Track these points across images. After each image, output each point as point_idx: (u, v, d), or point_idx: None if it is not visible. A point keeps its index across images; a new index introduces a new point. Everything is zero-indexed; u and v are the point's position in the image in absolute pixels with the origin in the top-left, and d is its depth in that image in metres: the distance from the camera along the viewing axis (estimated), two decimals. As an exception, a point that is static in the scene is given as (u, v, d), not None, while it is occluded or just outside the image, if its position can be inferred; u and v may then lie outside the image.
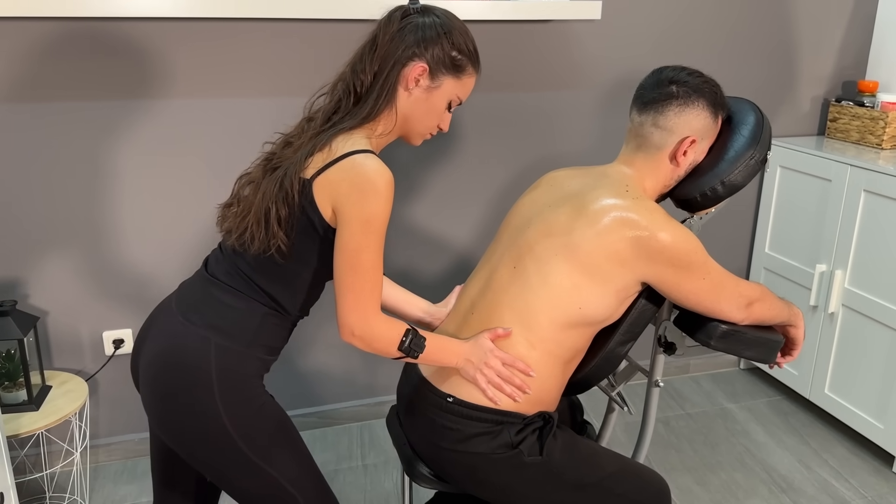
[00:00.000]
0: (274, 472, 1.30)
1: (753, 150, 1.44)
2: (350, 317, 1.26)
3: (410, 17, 1.30)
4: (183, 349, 1.28)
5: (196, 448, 1.29)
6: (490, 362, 1.36)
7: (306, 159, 1.26)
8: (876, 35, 2.73)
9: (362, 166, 1.22)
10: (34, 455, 2.27)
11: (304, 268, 1.31)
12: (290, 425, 1.35)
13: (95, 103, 2.04)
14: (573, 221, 1.37)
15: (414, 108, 1.32)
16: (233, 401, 1.27)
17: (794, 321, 1.53)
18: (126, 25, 2.00)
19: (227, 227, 1.36)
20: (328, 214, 1.25)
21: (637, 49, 2.47)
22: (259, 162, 1.38)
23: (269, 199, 1.26)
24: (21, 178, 2.05)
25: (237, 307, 1.30)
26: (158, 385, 1.29)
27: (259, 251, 1.28)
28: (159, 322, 1.35)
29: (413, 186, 2.39)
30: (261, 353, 1.33)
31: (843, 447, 2.48)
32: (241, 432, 1.27)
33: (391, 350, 1.30)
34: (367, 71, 1.29)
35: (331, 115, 1.32)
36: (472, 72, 1.34)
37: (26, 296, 2.14)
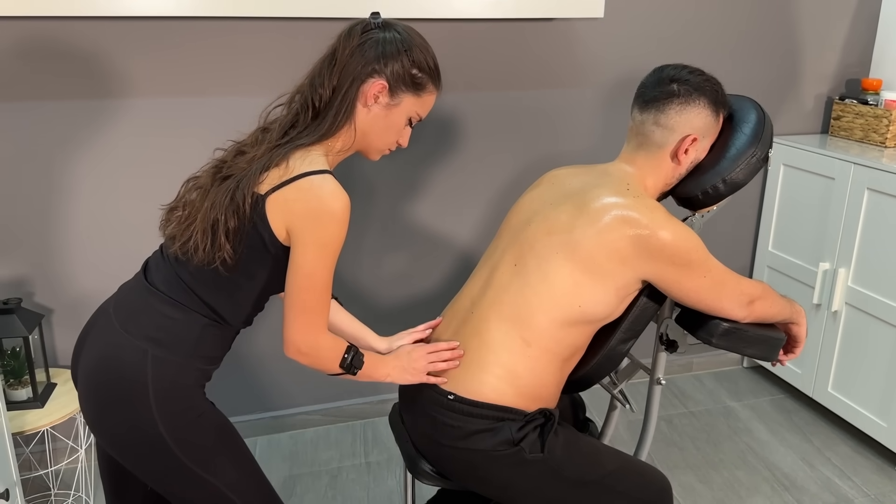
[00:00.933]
0: (215, 481, 1.30)
1: (755, 147, 1.44)
2: (298, 335, 1.27)
3: (371, 32, 1.29)
4: (120, 360, 1.27)
5: (136, 459, 1.29)
6: (415, 357, 1.42)
7: (261, 174, 1.24)
8: (880, 33, 2.73)
9: (319, 189, 1.21)
10: (39, 452, 2.28)
11: (248, 281, 1.30)
12: (232, 433, 1.35)
13: (95, 101, 2.05)
14: (574, 219, 1.37)
15: (373, 124, 1.31)
16: (169, 412, 1.26)
17: (797, 319, 1.53)
18: (132, 26, 2.01)
19: (170, 233, 1.33)
20: (280, 233, 1.24)
21: (639, 47, 2.47)
22: (209, 168, 1.35)
23: (217, 209, 1.24)
24: (26, 175, 2.06)
25: (176, 318, 1.29)
26: (96, 396, 1.28)
27: (203, 263, 1.26)
28: (97, 328, 1.33)
29: (415, 185, 2.39)
30: (200, 363, 1.31)
31: (847, 445, 2.48)
32: (179, 442, 1.27)
33: (333, 366, 1.33)
34: (326, 85, 1.28)
35: (287, 129, 1.30)
36: (432, 89, 1.34)
37: (31, 294, 2.15)
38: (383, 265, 2.45)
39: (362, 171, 2.33)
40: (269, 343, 2.42)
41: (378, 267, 2.45)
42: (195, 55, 2.08)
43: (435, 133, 2.36)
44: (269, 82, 2.17)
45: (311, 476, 2.31)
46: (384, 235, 2.42)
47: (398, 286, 2.49)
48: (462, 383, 1.38)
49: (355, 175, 2.33)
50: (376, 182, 2.35)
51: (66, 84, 2.01)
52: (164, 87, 2.09)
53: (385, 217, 2.40)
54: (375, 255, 2.43)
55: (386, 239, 2.42)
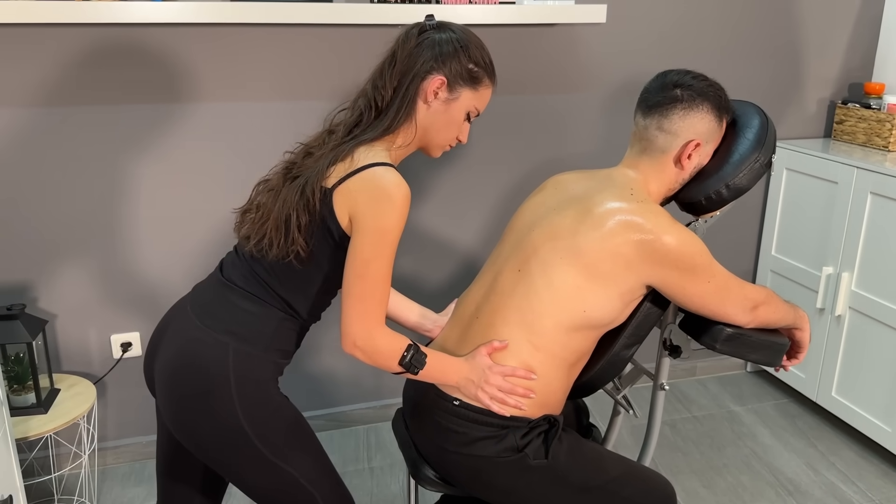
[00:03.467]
0: (292, 471, 1.33)
1: (758, 153, 1.44)
2: (354, 327, 1.27)
3: (427, 34, 1.33)
4: (200, 353, 1.30)
5: (213, 448, 1.31)
6: (490, 379, 1.36)
7: (328, 168, 1.28)
8: (882, 37, 2.73)
9: (381, 178, 1.24)
10: (43, 458, 2.29)
11: (319, 274, 1.33)
12: (306, 425, 1.38)
13: (103, 108, 2.06)
14: (578, 225, 1.37)
15: (433, 120, 1.35)
16: (250, 403, 1.30)
17: (800, 324, 1.53)
18: (143, 31, 2.02)
19: (244, 233, 1.38)
20: (345, 223, 1.27)
21: (642, 52, 2.48)
22: (279, 170, 1.40)
23: (289, 206, 1.28)
24: (32, 181, 2.06)
25: (254, 312, 1.33)
26: (176, 387, 1.31)
27: (277, 257, 1.30)
28: (175, 325, 1.37)
29: (419, 188, 2.40)
30: (276, 356, 1.35)
31: (851, 450, 2.47)
32: (259, 434, 1.30)
33: (392, 364, 1.31)
34: (387, 86, 1.32)
35: (352, 128, 1.35)
36: (488, 83, 1.37)
37: (35, 299, 2.15)
38: (386, 270, 2.45)
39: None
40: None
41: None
42: (194, 61, 2.09)
43: (438, 138, 2.36)
44: (264, 88, 2.17)
45: (315, 481, 2.31)
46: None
47: (402, 289, 2.49)
48: (466, 389, 1.38)
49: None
50: (379, 187, 2.35)
51: (71, 91, 2.02)
52: (168, 93, 2.09)
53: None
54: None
55: (389, 244, 2.42)
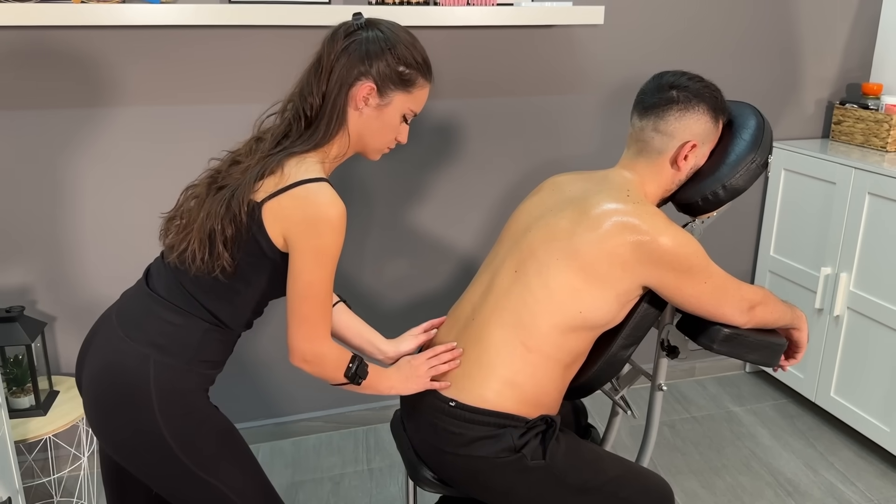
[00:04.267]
0: (219, 484, 1.31)
1: (754, 153, 1.44)
2: (303, 344, 1.28)
3: (354, 34, 1.28)
4: (123, 366, 1.28)
5: (141, 464, 1.29)
6: (416, 365, 1.42)
7: (256, 182, 1.24)
8: (880, 37, 2.73)
9: (316, 197, 1.21)
10: (42, 460, 2.29)
11: (247, 287, 1.31)
12: (236, 436, 1.36)
13: (100, 109, 2.06)
14: (575, 226, 1.37)
15: (367, 126, 1.32)
16: (173, 416, 1.27)
17: (797, 324, 1.53)
18: (135, 33, 2.02)
19: (168, 242, 1.34)
20: (278, 241, 1.25)
21: (640, 53, 2.48)
22: (204, 178, 1.36)
23: (213, 219, 1.25)
24: (29, 183, 2.06)
25: (177, 323, 1.30)
26: (100, 402, 1.29)
27: (201, 271, 1.27)
28: (101, 335, 1.34)
29: (416, 190, 2.40)
30: (202, 368, 1.32)
31: (850, 450, 2.47)
32: (184, 446, 1.28)
33: (338, 375, 1.33)
34: (315, 93, 1.28)
35: (280, 140, 1.30)
36: (423, 83, 1.33)
37: (34, 302, 2.16)
38: (385, 270, 2.45)
39: (364, 176, 2.33)
40: (271, 350, 2.42)
41: (380, 272, 2.45)
42: (194, 63, 2.09)
43: (436, 139, 2.36)
44: (267, 90, 2.17)
45: (314, 483, 2.31)
46: (386, 240, 2.42)
47: (400, 291, 2.49)
48: (464, 390, 1.39)
49: (356, 181, 2.33)
50: (378, 187, 2.36)
51: (68, 92, 2.02)
52: (166, 94, 2.10)
53: (387, 222, 2.40)
54: (377, 260, 2.44)
55: (387, 244, 2.43)
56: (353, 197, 2.35)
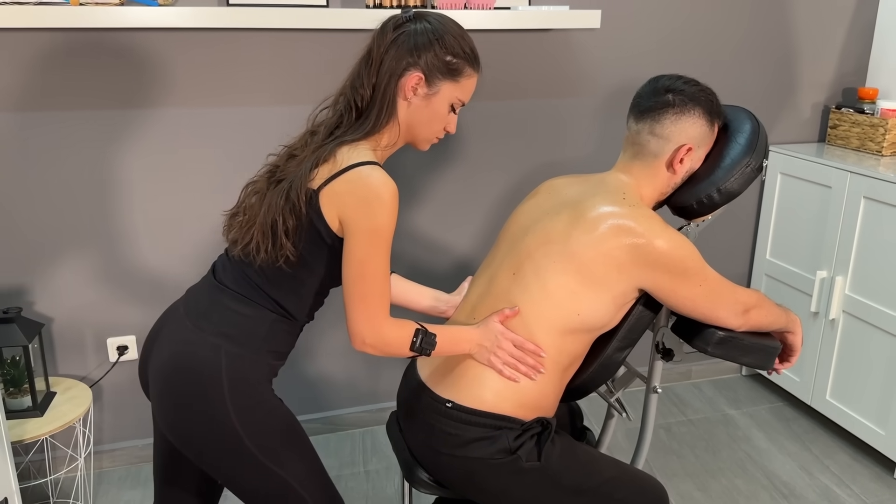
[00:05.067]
0: (284, 474, 1.33)
1: (749, 157, 1.45)
2: (361, 325, 1.28)
3: (403, 27, 1.31)
4: (194, 356, 1.30)
5: (207, 451, 1.31)
6: (502, 345, 1.38)
7: (311, 171, 1.28)
8: (876, 42, 2.74)
9: (368, 178, 1.24)
10: (38, 461, 2.29)
11: (310, 275, 1.33)
12: (299, 428, 1.38)
13: (99, 112, 2.07)
14: (571, 229, 1.38)
15: (415, 116, 1.34)
16: (243, 406, 1.30)
17: (792, 327, 1.54)
18: (132, 35, 2.02)
19: (232, 237, 1.38)
20: (335, 225, 1.27)
21: (636, 57, 2.49)
22: (263, 173, 1.39)
23: (274, 211, 1.28)
24: (27, 185, 2.07)
25: (246, 314, 1.33)
26: (169, 391, 1.31)
27: (266, 262, 1.30)
28: (169, 328, 1.37)
29: (415, 192, 2.41)
30: (269, 358, 1.35)
31: (845, 453, 2.48)
32: (252, 436, 1.30)
33: (403, 352, 1.33)
34: (366, 85, 1.31)
35: (333, 130, 1.34)
36: (470, 73, 1.35)
37: (31, 303, 2.16)
38: (382, 274, 2.46)
39: (361, 180, 2.34)
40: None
41: (377, 275, 2.45)
42: (193, 66, 2.10)
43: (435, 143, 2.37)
44: (266, 92, 2.18)
45: (310, 484, 2.31)
46: (383, 244, 2.43)
47: (397, 295, 2.50)
48: (460, 391, 1.39)
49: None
50: (375, 191, 2.36)
51: (64, 94, 2.03)
52: (164, 97, 2.10)
53: (384, 226, 2.41)
54: (374, 263, 2.44)
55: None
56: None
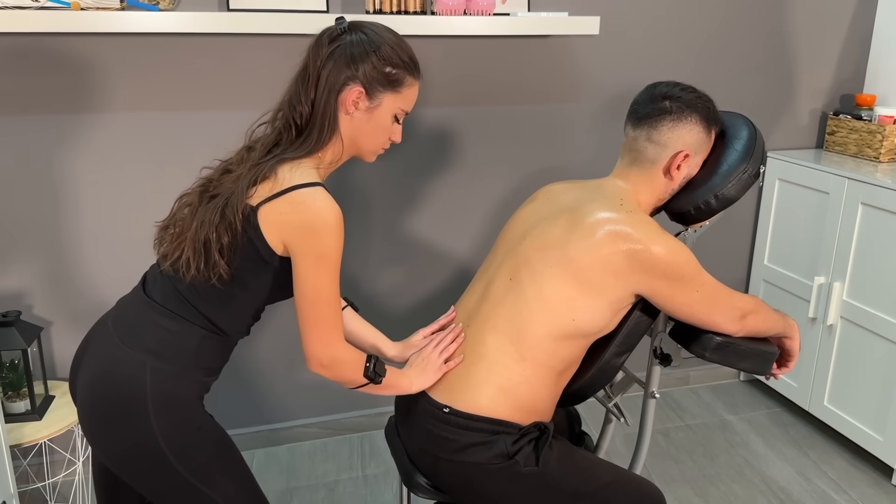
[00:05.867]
0: (212, 494, 1.30)
1: (746, 164, 1.45)
2: (317, 349, 1.28)
3: (338, 39, 1.28)
4: (119, 374, 1.27)
5: (135, 470, 1.29)
6: (425, 354, 1.45)
7: (249, 188, 1.24)
8: (873, 49, 2.75)
9: (312, 202, 1.22)
10: (37, 464, 2.29)
11: (244, 291, 1.30)
12: (230, 445, 1.35)
13: (101, 116, 2.07)
14: (568, 234, 1.38)
15: (359, 130, 1.32)
16: (169, 424, 1.27)
17: (789, 333, 1.54)
18: (132, 40, 2.03)
19: (162, 252, 1.34)
20: (276, 245, 1.25)
21: (634, 64, 2.50)
22: (196, 187, 1.36)
23: (207, 228, 1.24)
24: (26, 188, 2.07)
25: (174, 330, 1.29)
26: (95, 409, 1.29)
27: (197, 280, 1.27)
28: (97, 342, 1.34)
29: (412, 198, 2.41)
30: (199, 375, 1.32)
31: (843, 459, 2.48)
32: (177, 455, 1.27)
33: (356, 377, 1.34)
34: (304, 102, 1.28)
35: (271, 148, 1.30)
36: (411, 82, 1.32)
37: (30, 306, 2.16)
38: (381, 278, 2.46)
39: (361, 185, 2.35)
40: (266, 356, 2.43)
41: (376, 279, 2.46)
42: (193, 71, 2.11)
43: (433, 147, 2.38)
44: (265, 97, 2.19)
45: (309, 489, 2.31)
46: (382, 248, 2.43)
47: (396, 298, 2.50)
48: (458, 396, 1.39)
49: (354, 189, 2.35)
50: (375, 196, 2.37)
51: (67, 98, 2.04)
52: (165, 101, 2.11)
53: (383, 230, 2.42)
54: (373, 267, 2.45)
55: (384, 252, 2.44)
56: (351, 205, 2.36)
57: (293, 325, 2.42)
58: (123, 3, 1.93)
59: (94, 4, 1.88)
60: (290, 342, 2.44)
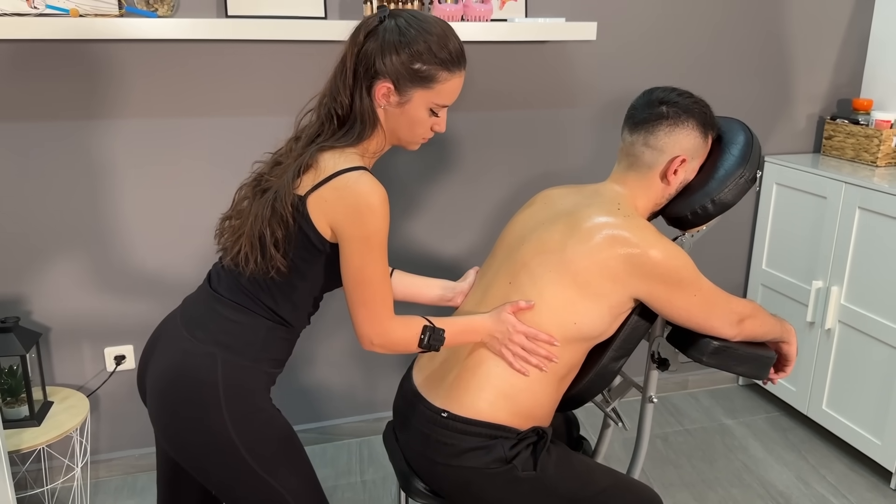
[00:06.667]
0: (277, 485, 1.32)
1: (743, 168, 1.46)
2: (366, 328, 1.29)
3: (374, 31, 1.27)
4: (190, 365, 1.30)
5: (202, 461, 1.30)
6: (514, 337, 1.38)
7: (295, 179, 1.26)
8: (870, 53, 2.76)
9: (356, 185, 1.23)
10: (35, 470, 2.29)
11: (304, 282, 1.33)
12: (296, 440, 1.37)
13: (98, 121, 2.08)
14: (566, 239, 1.39)
15: (394, 122, 1.32)
16: (240, 415, 1.29)
17: (787, 337, 1.55)
18: (131, 47, 2.04)
19: (223, 244, 1.37)
20: (326, 232, 1.27)
21: (631, 69, 2.51)
22: (250, 181, 1.38)
23: (261, 222, 1.26)
24: (25, 195, 2.08)
25: (242, 322, 1.32)
26: (166, 401, 1.31)
27: (256, 273, 1.29)
28: (166, 337, 1.37)
29: (411, 202, 2.42)
30: (266, 366, 1.35)
31: (842, 463, 2.48)
32: (248, 445, 1.29)
33: (412, 349, 1.35)
34: (342, 94, 1.28)
35: (314, 138, 1.31)
36: (445, 77, 1.28)
37: (29, 312, 2.16)
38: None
39: (359, 190, 2.35)
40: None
41: (374, 285, 2.46)
42: (193, 77, 2.11)
43: (432, 152, 2.38)
44: (265, 103, 2.19)
45: (307, 494, 2.31)
46: (380, 254, 2.43)
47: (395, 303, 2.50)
48: (457, 401, 1.39)
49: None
50: (372, 201, 2.37)
51: (66, 105, 2.04)
52: (165, 107, 2.11)
53: (381, 236, 2.42)
54: (371, 273, 2.45)
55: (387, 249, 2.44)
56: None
57: (292, 331, 2.42)
58: (122, 9, 1.94)
59: (92, 11, 1.89)
60: (288, 347, 2.43)
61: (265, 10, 2.07)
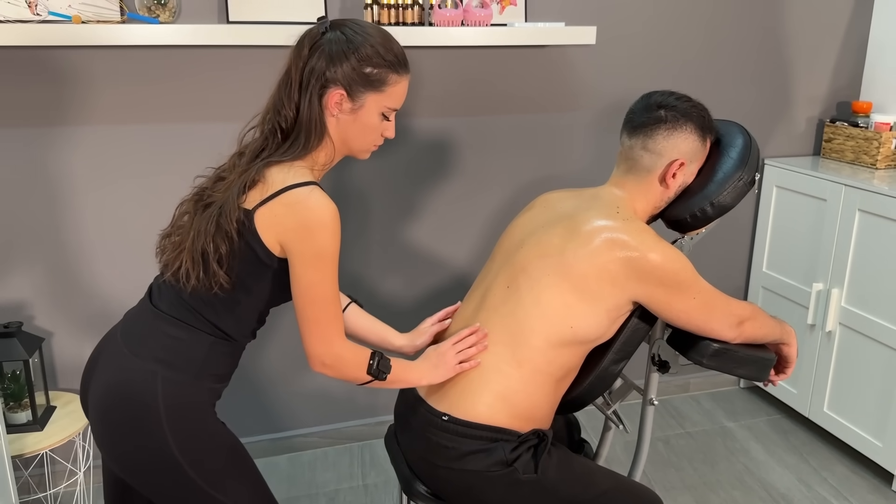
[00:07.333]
0: (225, 500, 1.31)
1: (741, 171, 1.47)
2: (317, 348, 1.28)
3: (318, 41, 1.27)
4: (130, 384, 1.28)
5: (148, 479, 1.29)
6: (442, 350, 1.41)
7: (241, 195, 1.24)
8: (869, 56, 2.77)
9: (307, 201, 1.22)
10: (38, 475, 2.29)
11: (247, 296, 1.31)
12: (243, 452, 1.36)
13: (99, 126, 2.09)
14: (565, 242, 1.39)
15: (346, 130, 1.31)
16: (182, 431, 1.27)
17: (787, 339, 1.55)
18: (132, 53, 2.05)
19: (164, 261, 1.35)
20: (274, 247, 1.25)
21: (630, 73, 2.52)
22: (191, 196, 1.36)
23: (203, 238, 1.25)
24: (27, 200, 2.09)
25: (182, 339, 1.30)
26: (107, 420, 1.29)
27: (198, 290, 1.27)
28: (106, 355, 1.34)
29: (410, 206, 2.42)
30: (209, 382, 1.33)
31: (843, 465, 2.48)
32: (192, 462, 1.28)
33: (360, 374, 1.33)
34: (288, 106, 1.27)
35: (259, 153, 1.30)
36: (395, 80, 1.29)
37: (32, 317, 2.17)
38: (380, 285, 2.47)
39: (359, 193, 2.36)
40: (267, 366, 2.44)
41: (374, 288, 2.47)
42: (193, 83, 2.12)
43: (431, 156, 2.39)
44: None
45: (309, 498, 2.31)
46: (381, 256, 2.44)
47: (394, 307, 2.51)
48: (456, 404, 1.40)
49: (353, 196, 2.36)
50: (373, 205, 2.38)
51: (67, 110, 2.05)
52: (166, 113, 2.13)
53: (382, 238, 2.43)
54: (372, 276, 2.45)
55: (383, 260, 2.45)
56: (350, 214, 2.37)
57: (291, 336, 2.43)
58: (124, 16, 1.95)
59: (94, 18, 1.90)
60: (289, 352, 2.44)
61: (266, 16, 2.08)
